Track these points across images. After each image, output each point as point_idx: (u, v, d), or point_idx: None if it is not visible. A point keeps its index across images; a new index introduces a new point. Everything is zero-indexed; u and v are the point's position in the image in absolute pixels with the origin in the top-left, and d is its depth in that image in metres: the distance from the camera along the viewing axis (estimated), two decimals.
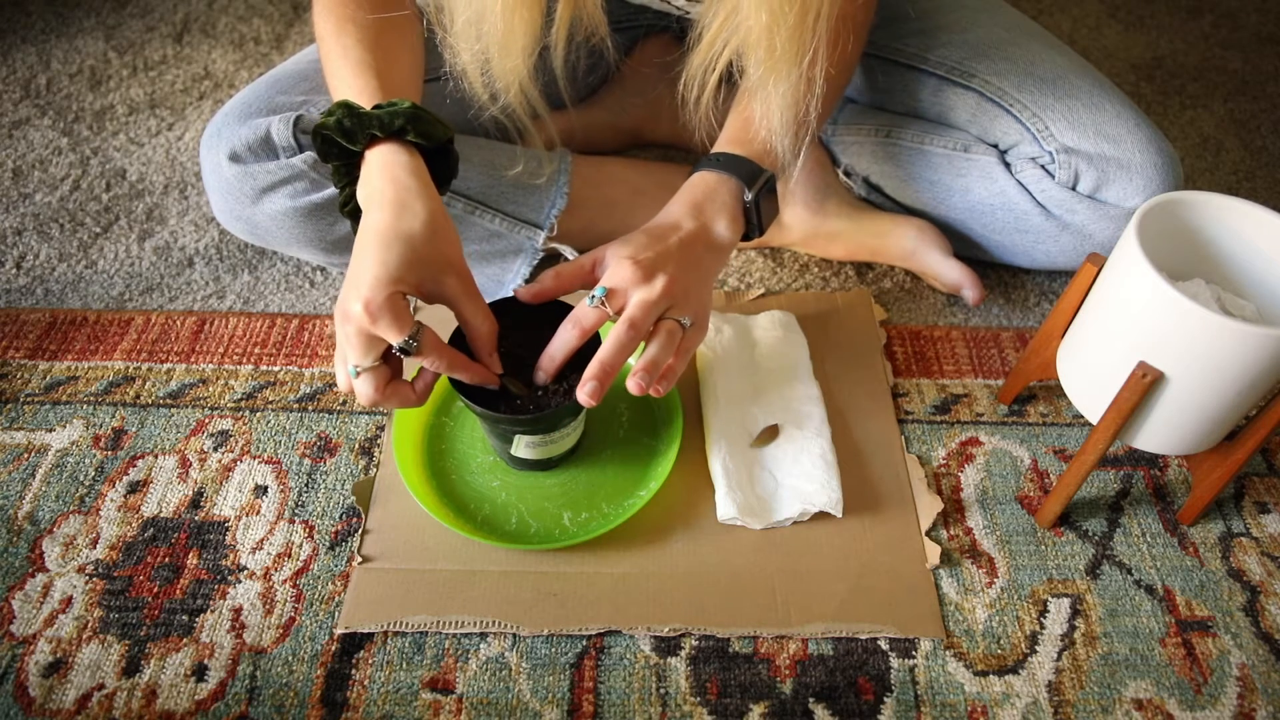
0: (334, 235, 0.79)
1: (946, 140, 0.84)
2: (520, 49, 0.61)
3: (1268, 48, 1.24)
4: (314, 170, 0.76)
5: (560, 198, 0.84)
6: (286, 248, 0.83)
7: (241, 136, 0.75)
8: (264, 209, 0.78)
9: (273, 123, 0.75)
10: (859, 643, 0.63)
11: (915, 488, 0.71)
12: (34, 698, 0.59)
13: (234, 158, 0.76)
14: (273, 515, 0.69)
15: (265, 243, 0.83)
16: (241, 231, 0.82)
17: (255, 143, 0.75)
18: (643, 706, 0.60)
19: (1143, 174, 0.75)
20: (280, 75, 0.80)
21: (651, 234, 0.64)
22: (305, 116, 0.76)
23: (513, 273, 0.84)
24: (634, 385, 0.58)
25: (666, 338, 0.60)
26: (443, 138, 0.61)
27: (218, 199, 0.80)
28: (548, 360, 0.61)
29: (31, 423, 0.75)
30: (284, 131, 0.75)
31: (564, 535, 0.67)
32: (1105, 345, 0.62)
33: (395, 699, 0.60)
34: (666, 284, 0.60)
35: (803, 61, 0.58)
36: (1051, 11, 1.30)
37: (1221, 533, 0.70)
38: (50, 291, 0.87)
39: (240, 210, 0.79)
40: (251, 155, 0.76)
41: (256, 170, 0.76)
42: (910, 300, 0.87)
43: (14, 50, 1.18)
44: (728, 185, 0.67)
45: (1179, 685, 0.61)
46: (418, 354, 0.56)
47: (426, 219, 0.57)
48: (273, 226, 0.79)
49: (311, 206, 0.77)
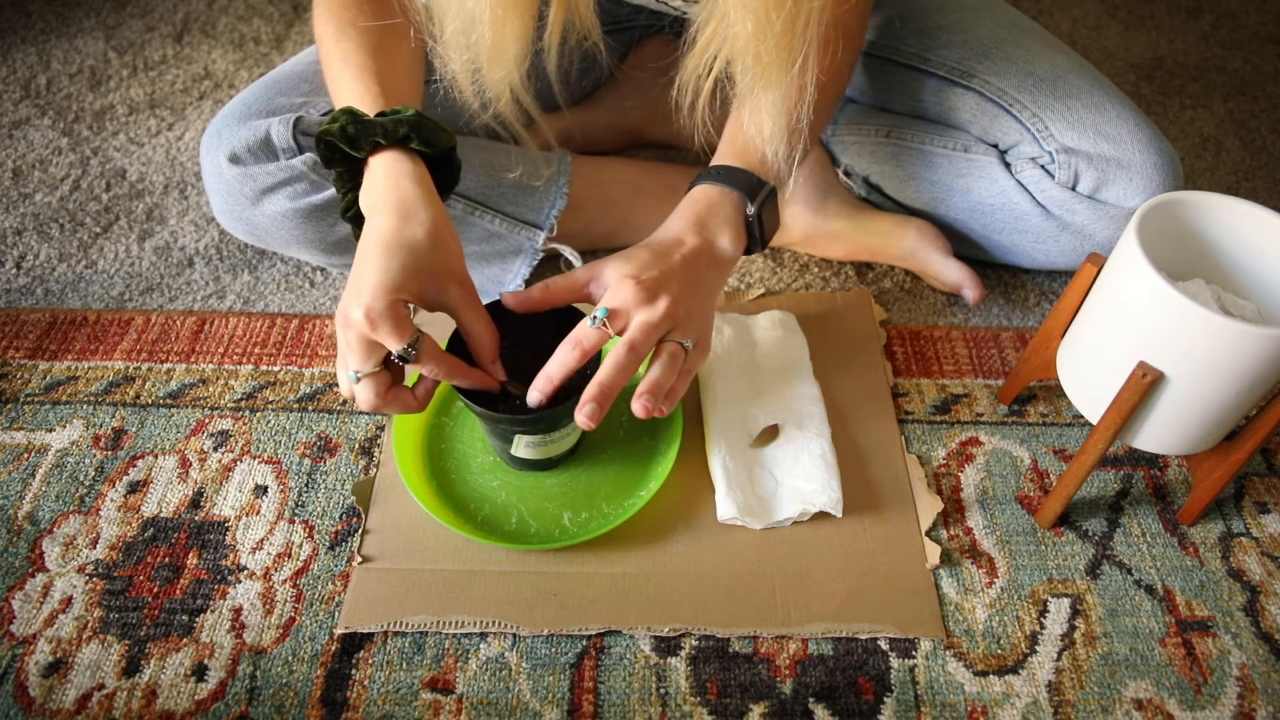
0: (334, 236, 0.79)
1: (947, 140, 0.84)
2: (511, 57, 0.60)
3: (1268, 48, 1.24)
4: (314, 171, 0.76)
5: (560, 198, 0.84)
6: (286, 249, 0.83)
7: (241, 138, 0.75)
8: (264, 210, 0.78)
9: (272, 124, 0.75)
10: (859, 643, 0.63)
11: (915, 488, 0.71)
12: (34, 698, 0.59)
13: (234, 159, 0.76)
14: (273, 515, 0.69)
15: (266, 244, 0.83)
16: (242, 233, 0.82)
17: (255, 144, 0.75)
18: (643, 706, 0.60)
19: (1143, 174, 0.75)
20: (280, 77, 0.80)
21: (654, 251, 0.63)
22: (305, 118, 0.76)
23: (512, 273, 0.84)
24: (639, 409, 0.58)
25: (669, 360, 0.60)
26: (446, 145, 0.61)
27: (218, 200, 0.80)
28: (545, 382, 0.59)
29: (31, 423, 0.75)
30: (284, 133, 0.75)
31: (564, 535, 0.67)
32: (1105, 345, 0.62)
33: (395, 699, 0.60)
34: (669, 305, 0.59)
35: (792, 69, 0.57)
36: (1051, 11, 1.30)
37: (1221, 533, 0.70)
38: (50, 291, 0.87)
39: (240, 211, 0.79)
40: (251, 157, 0.76)
41: (256, 172, 0.76)
42: (910, 300, 0.87)
43: (14, 50, 1.18)
44: (730, 199, 0.66)
45: (1179, 685, 0.61)
46: (416, 362, 0.56)
47: (430, 228, 0.57)
48: (273, 227, 0.79)
49: (311, 208, 0.77)
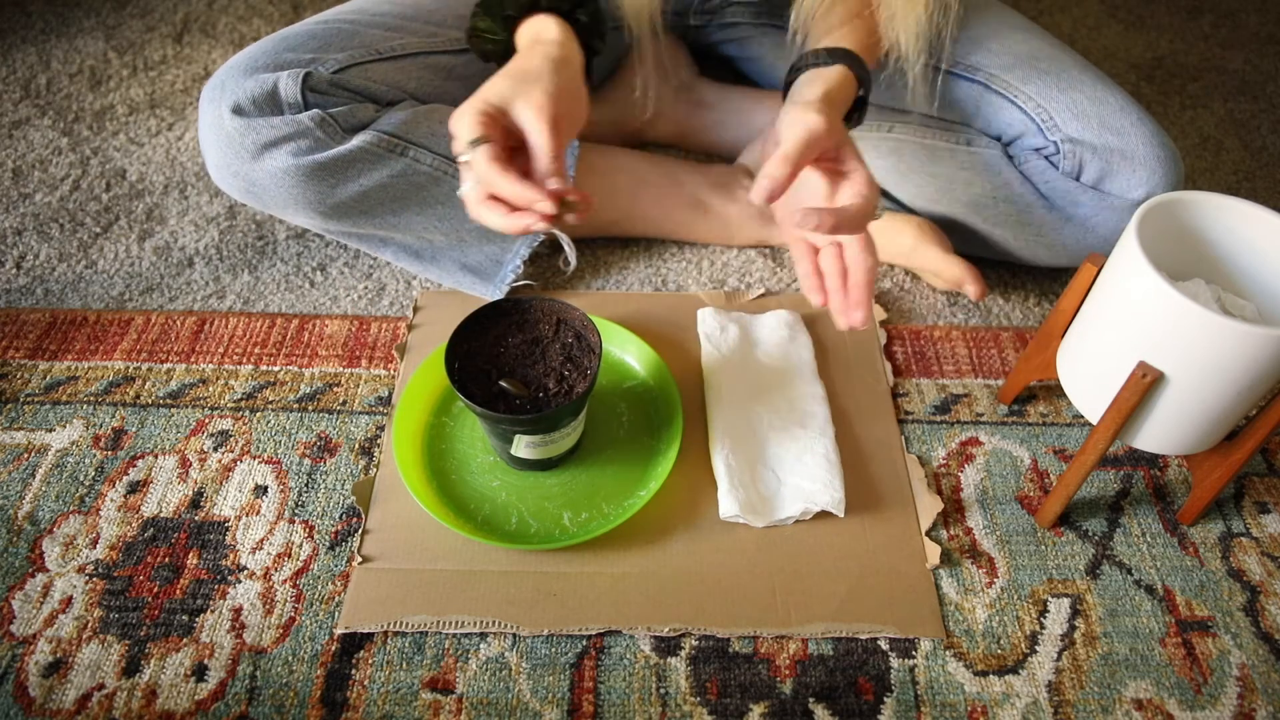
0: (334, 199, 0.77)
1: (949, 134, 0.84)
2: None
3: (1268, 48, 1.24)
4: (320, 129, 0.74)
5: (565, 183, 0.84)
6: (283, 210, 0.79)
7: (247, 89, 0.73)
8: (264, 166, 0.75)
9: (281, 78, 0.73)
10: (859, 643, 0.63)
11: (915, 488, 0.71)
12: (34, 698, 0.59)
13: (237, 110, 0.73)
14: (273, 515, 0.69)
15: (262, 204, 0.79)
16: (238, 190, 0.78)
17: (261, 97, 0.73)
18: (643, 706, 0.60)
19: (1146, 165, 0.75)
20: (289, 34, 0.78)
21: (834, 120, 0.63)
22: (315, 73, 0.74)
23: (512, 253, 0.84)
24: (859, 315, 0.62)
25: None
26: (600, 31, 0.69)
27: (215, 154, 0.76)
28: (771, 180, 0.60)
29: (31, 423, 0.75)
30: (292, 87, 0.73)
31: (564, 535, 0.67)
32: (1105, 345, 0.62)
33: (395, 699, 0.60)
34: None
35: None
36: (1051, 11, 1.30)
37: (1221, 533, 0.70)
38: (50, 291, 0.87)
39: (239, 166, 0.76)
40: (255, 109, 0.74)
41: (260, 124, 0.73)
42: (910, 300, 0.87)
43: (14, 50, 1.18)
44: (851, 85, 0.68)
45: (1179, 685, 0.61)
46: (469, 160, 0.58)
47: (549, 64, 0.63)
48: (271, 185, 0.76)
49: (314, 166, 0.75)
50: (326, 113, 0.74)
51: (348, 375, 0.79)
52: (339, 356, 0.80)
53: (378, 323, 0.83)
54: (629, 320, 0.82)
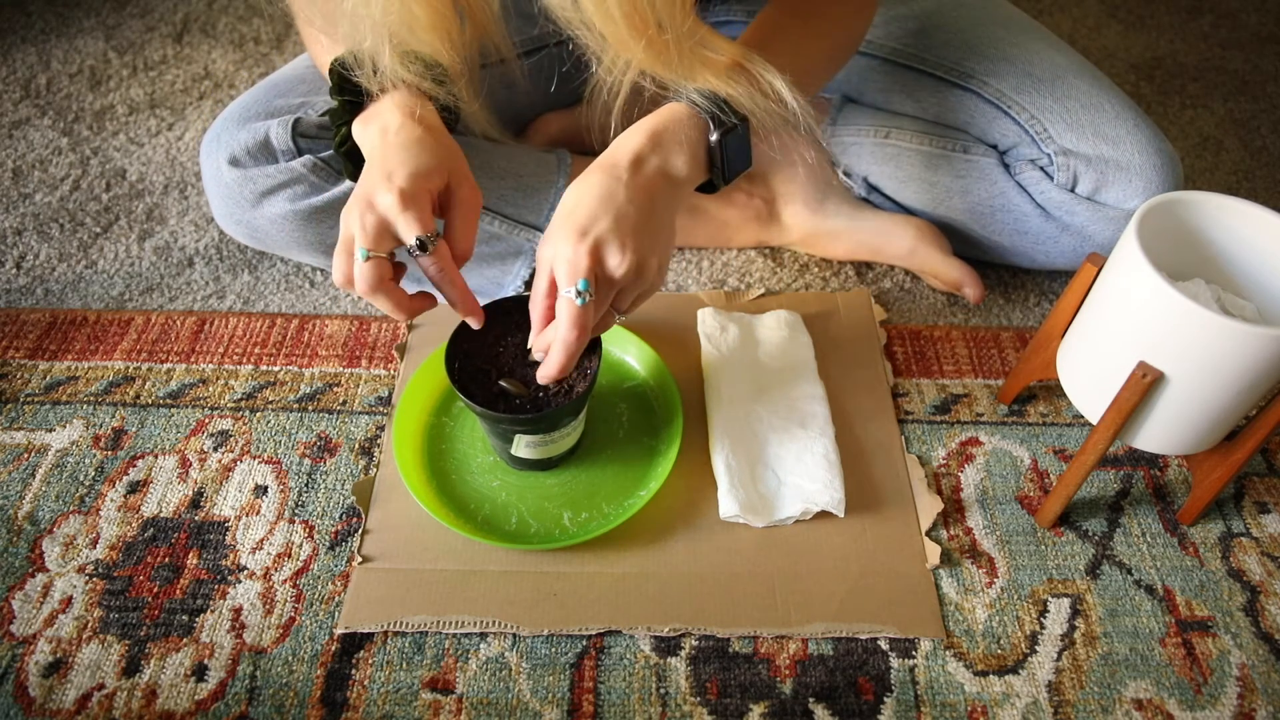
0: (333, 238, 0.79)
1: (946, 141, 0.84)
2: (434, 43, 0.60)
3: (1268, 48, 1.24)
4: (313, 174, 0.76)
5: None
6: (286, 251, 0.83)
7: (240, 141, 0.76)
8: (264, 213, 0.78)
9: (271, 126, 0.75)
10: (859, 643, 0.63)
11: (915, 488, 0.71)
12: (34, 698, 0.59)
13: (233, 162, 0.76)
14: (273, 515, 0.69)
15: (266, 246, 0.83)
16: (242, 235, 0.82)
17: (254, 147, 0.75)
18: (643, 706, 0.60)
19: (1142, 175, 0.75)
20: (278, 79, 0.81)
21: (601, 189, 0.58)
22: (304, 119, 0.76)
23: (512, 274, 0.84)
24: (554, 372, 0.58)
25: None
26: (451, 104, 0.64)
27: (218, 204, 0.80)
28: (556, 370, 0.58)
29: (31, 423, 0.75)
30: (283, 135, 0.75)
31: (564, 535, 0.67)
32: (1105, 345, 0.62)
33: (395, 699, 0.60)
34: (633, 263, 0.57)
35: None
36: (1051, 11, 1.30)
37: (1221, 533, 0.70)
38: (50, 291, 0.87)
39: (240, 215, 0.79)
40: (250, 159, 0.76)
41: (256, 174, 0.76)
42: (910, 300, 0.87)
43: (14, 50, 1.18)
44: (695, 121, 0.61)
45: (1179, 685, 0.61)
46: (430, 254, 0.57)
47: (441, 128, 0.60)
48: (272, 230, 0.79)
49: (310, 210, 0.77)
50: (318, 157, 0.76)
51: (348, 375, 0.79)
52: (339, 356, 0.80)
53: (378, 323, 0.84)
54: (629, 320, 0.82)
